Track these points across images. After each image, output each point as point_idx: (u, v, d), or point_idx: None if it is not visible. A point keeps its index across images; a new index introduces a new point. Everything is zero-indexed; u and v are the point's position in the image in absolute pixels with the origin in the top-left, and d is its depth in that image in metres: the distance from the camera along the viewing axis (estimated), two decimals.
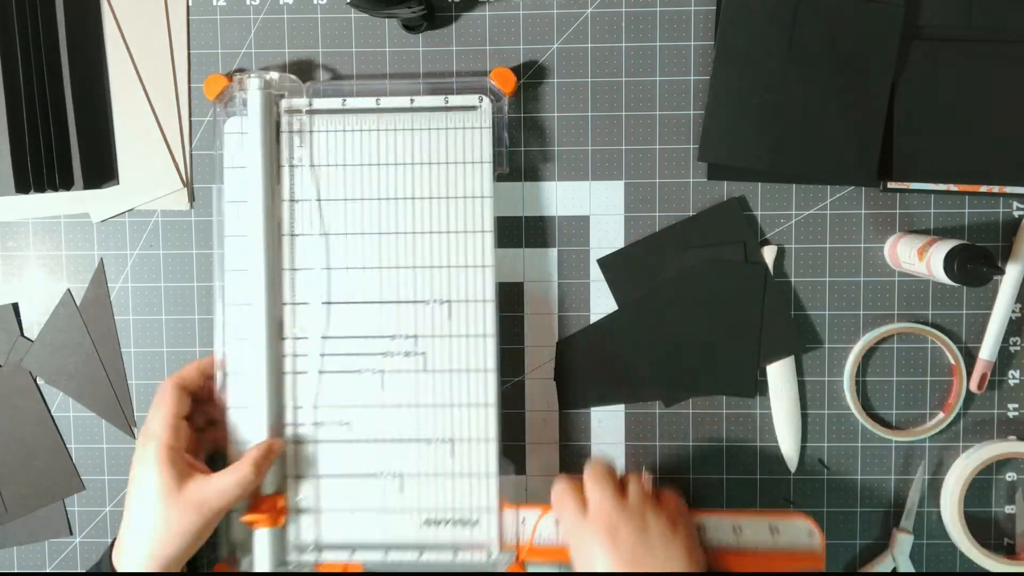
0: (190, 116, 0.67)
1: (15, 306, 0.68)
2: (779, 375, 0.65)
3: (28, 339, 0.68)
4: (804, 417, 0.66)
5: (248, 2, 0.67)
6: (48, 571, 0.69)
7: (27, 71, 0.63)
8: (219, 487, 0.57)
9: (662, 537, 0.54)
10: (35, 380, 0.68)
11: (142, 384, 0.68)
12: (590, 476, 0.57)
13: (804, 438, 0.66)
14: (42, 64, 0.64)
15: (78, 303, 0.68)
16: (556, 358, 0.67)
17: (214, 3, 0.67)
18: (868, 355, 0.66)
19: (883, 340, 0.66)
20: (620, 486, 0.57)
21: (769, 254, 0.65)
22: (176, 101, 0.67)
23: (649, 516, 0.54)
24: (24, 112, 0.63)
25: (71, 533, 0.69)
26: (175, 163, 0.67)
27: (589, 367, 0.66)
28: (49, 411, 0.68)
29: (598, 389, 0.67)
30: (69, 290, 0.68)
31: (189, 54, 0.67)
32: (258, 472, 0.58)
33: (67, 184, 0.65)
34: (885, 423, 0.66)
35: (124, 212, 0.67)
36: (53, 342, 0.68)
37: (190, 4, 0.67)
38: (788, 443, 0.66)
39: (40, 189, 0.64)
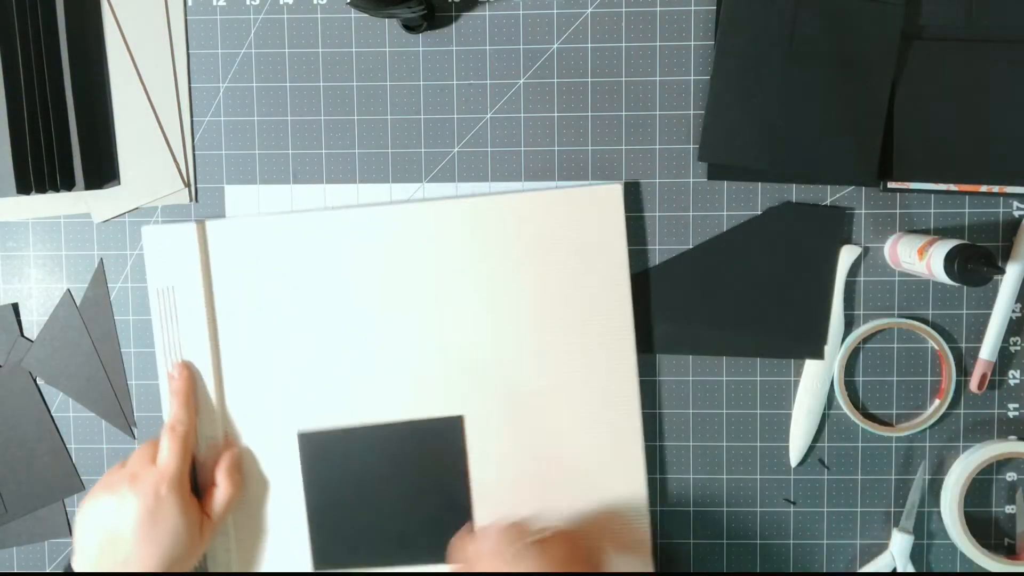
0: (191, 116, 0.67)
1: (15, 306, 0.68)
2: (815, 373, 0.65)
3: (28, 339, 0.68)
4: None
5: (248, 2, 0.67)
6: (48, 571, 0.69)
7: (28, 72, 0.63)
8: (220, 513, 0.63)
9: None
10: (35, 380, 0.68)
11: (142, 384, 0.68)
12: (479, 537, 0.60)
13: None
14: (43, 65, 0.64)
15: (78, 303, 0.68)
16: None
17: (214, 3, 0.67)
18: (868, 355, 0.66)
19: (882, 340, 0.66)
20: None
21: (849, 254, 0.65)
22: (177, 101, 0.67)
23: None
24: (25, 113, 0.63)
25: (71, 533, 0.69)
26: (176, 163, 0.67)
27: (657, 306, 0.66)
28: (49, 411, 0.68)
29: (666, 331, 0.66)
30: (69, 290, 0.68)
31: (188, 54, 0.67)
32: (237, 485, 0.64)
33: (68, 184, 0.65)
34: (883, 423, 0.66)
35: (125, 212, 0.67)
36: (53, 342, 0.68)
37: (188, 4, 0.67)
38: (799, 438, 0.66)
39: (41, 190, 0.64)
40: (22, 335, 0.68)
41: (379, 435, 0.65)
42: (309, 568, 0.66)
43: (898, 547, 0.65)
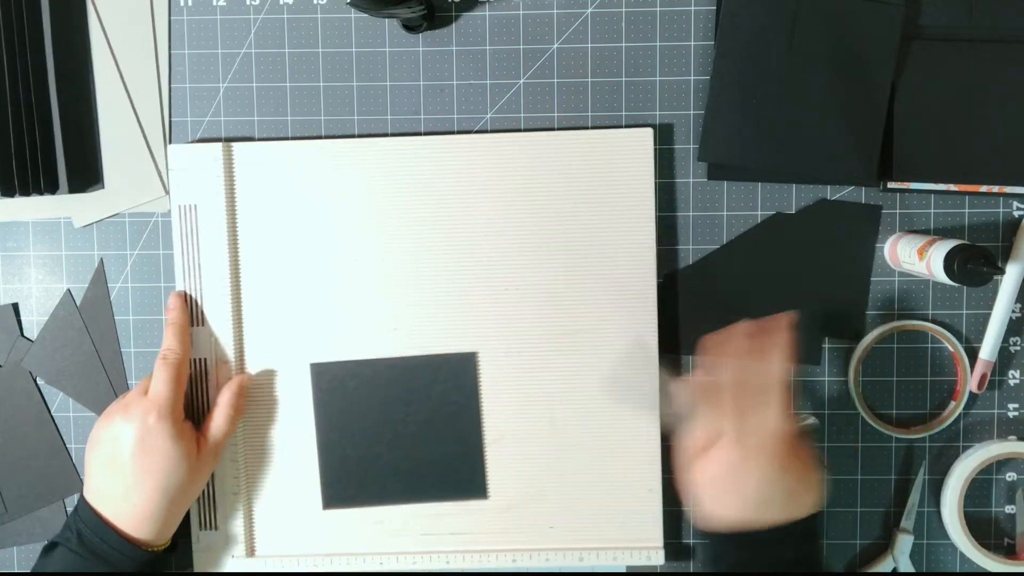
0: (170, 117, 0.67)
1: (15, 306, 0.68)
2: None
3: (28, 339, 0.68)
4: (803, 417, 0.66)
5: (248, 2, 0.67)
6: (48, 571, 0.69)
7: (12, 74, 0.63)
8: (218, 437, 0.63)
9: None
10: (35, 380, 0.68)
11: None
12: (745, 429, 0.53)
13: None
14: (27, 68, 0.64)
15: (78, 303, 0.68)
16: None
17: (214, 3, 0.67)
18: (869, 354, 0.66)
19: (883, 340, 0.66)
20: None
21: None
22: (160, 105, 0.67)
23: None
24: (9, 115, 0.63)
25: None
26: (157, 170, 0.67)
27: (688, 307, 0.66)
28: (49, 411, 0.68)
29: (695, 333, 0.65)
30: (69, 290, 0.68)
31: (170, 54, 0.67)
32: (238, 409, 0.64)
33: (52, 188, 0.65)
34: (886, 422, 0.66)
35: (107, 217, 0.67)
36: (53, 342, 0.68)
37: (188, 4, 0.67)
38: None
39: (25, 192, 0.64)
40: (22, 335, 0.68)
41: (392, 369, 0.65)
42: (318, 503, 0.66)
43: (898, 547, 0.65)
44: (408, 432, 0.65)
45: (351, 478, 0.66)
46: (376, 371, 0.65)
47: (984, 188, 0.64)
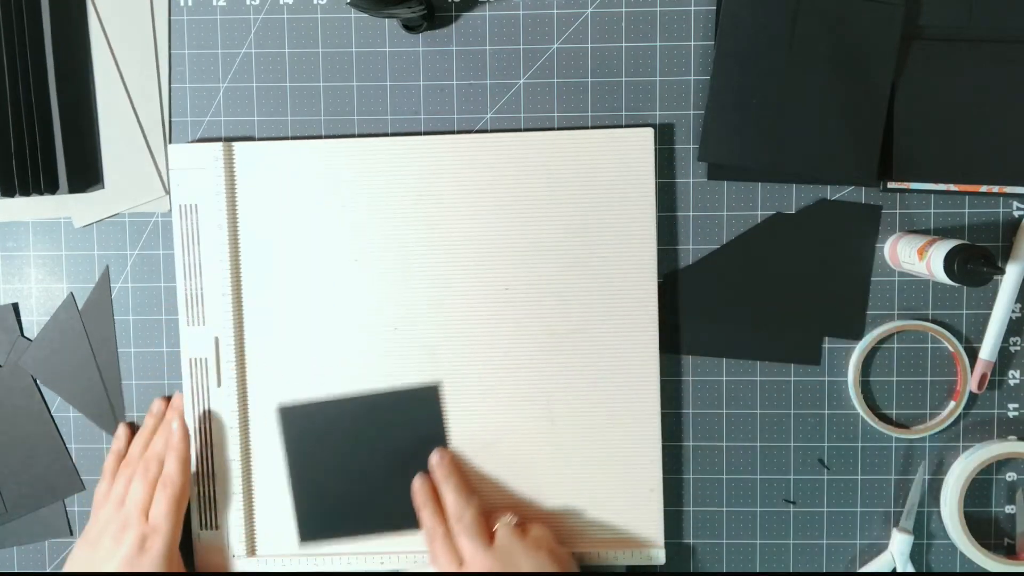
0: (170, 117, 0.67)
1: (15, 306, 0.68)
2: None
3: (28, 339, 0.68)
4: (802, 417, 0.66)
5: (248, 2, 0.67)
6: (48, 571, 0.69)
7: (12, 74, 0.63)
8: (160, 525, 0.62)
9: (534, 566, 0.59)
10: (35, 380, 0.68)
11: (141, 384, 0.68)
12: (461, 532, 0.61)
13: (803, 438, 0.66)
14: (27, 67, 0.64)
15: (80, 306, 0.68)
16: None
17: (214, 3, 0.67)
18: (869, 354, 0.66)
19: (883, 340, 0.66)
20: (487, 527, 0.61)
21: None
22: (160, 105, 0.67)
23: (518, 554, 0.59)
24: (9, 115, 0.63)
25: (71, 533, 0.69)
26: (157, 170, 0.67)
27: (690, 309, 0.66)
28: (49, 411, 0.68)
29: (694, 332, 0.67)
30: (72, 293, 0.68)
31: (170, 54, 0.67)
32: (179, 500, 0.63)
33: (52, 188, 0.65)
34: (886, 422, 0.66)
35: (107, 217, 0.67)
36: (51, 343, 0.68)
37: (187, 4, 0.67)
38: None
39: (25, 192, 0.64)
40: (22, 335, 0.68)
41: (357, 406, 0.66)
42: (295, 541, 0.66)
43: (898, 547, 0.65)
44: (378, 466, 0.66)
45: (325, 513, 0.66)
46: (341, 409, 0.66)
47: (984, 188, 0.64)
